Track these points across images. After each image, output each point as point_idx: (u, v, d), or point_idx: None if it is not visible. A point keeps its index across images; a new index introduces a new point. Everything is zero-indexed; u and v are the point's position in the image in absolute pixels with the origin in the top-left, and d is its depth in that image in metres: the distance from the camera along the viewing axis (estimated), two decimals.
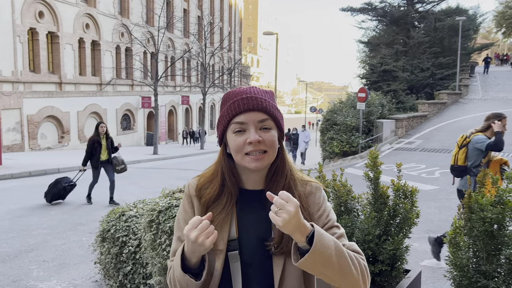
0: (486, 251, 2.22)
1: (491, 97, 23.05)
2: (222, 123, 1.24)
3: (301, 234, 1.05)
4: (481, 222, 2.16)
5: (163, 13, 26.71)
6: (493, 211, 2.15)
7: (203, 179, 1.30)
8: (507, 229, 2.22)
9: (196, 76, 37.81)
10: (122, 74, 28.73)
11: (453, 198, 7.98)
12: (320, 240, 1.04)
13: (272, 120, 1.21)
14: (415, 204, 2.58)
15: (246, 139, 1.17)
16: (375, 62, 23.93)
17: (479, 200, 2.20)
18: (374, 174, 2.51)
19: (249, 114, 1.18)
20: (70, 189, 8.64)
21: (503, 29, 42.29)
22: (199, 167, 15.61)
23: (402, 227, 2.50)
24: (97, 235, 4.11)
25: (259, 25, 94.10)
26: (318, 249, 1.03)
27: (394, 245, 2.38)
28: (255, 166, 1.17)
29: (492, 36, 55.88)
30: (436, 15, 25.93)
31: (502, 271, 2.20)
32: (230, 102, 1.22)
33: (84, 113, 25.18)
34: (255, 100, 1.19)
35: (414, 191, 2.58)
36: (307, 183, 1.29)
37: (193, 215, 1.27)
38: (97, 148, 8.37)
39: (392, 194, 2.60)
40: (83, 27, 24.95)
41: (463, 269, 2.20)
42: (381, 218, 2.50)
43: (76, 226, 6.75)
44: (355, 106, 15.38)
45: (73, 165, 14.49)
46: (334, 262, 1.05)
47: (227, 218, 1.23)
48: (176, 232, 1.30)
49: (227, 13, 48.74)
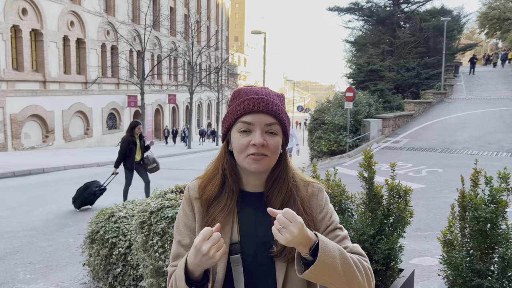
0: (479, 250, 2.24)
1: (475, 96, 23.42)
2: (228, 119, 1.21)
3: (305, 246, 1.04)
4: (475, 221, 2.17)
5: (150, 11, 26.47)
6: (486, 210, 2.16)
7: (204, 179, 1.28)
8: (500, 227, 2.24)
9: (183, 75, 37.61)
10: (107, 73, 28.39)
11: (440, 197, 8.10)
12: (325, 251, 1.03)
13: (279, 125, 1.18)
14: (408, 204, 2.59)
15: (250, 140, 1.14)
16: (362, 61, 24.12)
17: (473, 199, 2.22)
18: (368, 173, 2.51)
19: (257, 115, 1.15)
20: (100, 194, 8.21)
21: (486, 30, 43.04)
22: (187, 166, 15.56)
23: (396, 227, 2.51)
24: (85, 237, 4.04)
25: (246, 24, 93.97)
26: (323, 260, 1.02)
27: (389, 244, 2.39)
28: (254, 168, 1.15)
29: (476, 37, 56.82)
30: (422, 15, 26.23)
31: (496, 270, 2.22)
32: (240, 100, 1.19)
33: (69, 112, 24.81)
34: (265, 102, 1.17)
35: (408, 191, 2.58)
36: (309, 184, 1.27)
37: (193, 219, 1.25)
38: (132, 148, 7.93)
39: (386, 194, 2.60)
40: (68, 24, 24.57)
41: (457, 268, 2.21)
42: (376, 218, 2.50)
43: (62, 227, 6.63)
44: (343, 106, 15.47)
45: (58, 165, 14.28)
46: (340, 271, 1.04)
47: (229, 219, 1.21)
48: (176, 236, 1.27)
49: (214, 12, 48.55)
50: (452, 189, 8.65)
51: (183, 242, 1.24)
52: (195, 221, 1.24)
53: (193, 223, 1.24)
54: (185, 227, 1.25)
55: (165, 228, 2.90)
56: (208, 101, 46.27)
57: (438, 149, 13.69)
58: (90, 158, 17.11)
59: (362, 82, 22.49)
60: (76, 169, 14.55)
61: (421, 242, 5.72)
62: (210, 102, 47.14)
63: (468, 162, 11.35)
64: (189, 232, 1.24)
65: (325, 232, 1.20)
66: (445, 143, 14.28)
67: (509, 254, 2.13)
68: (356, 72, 23.83)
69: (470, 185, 2.40)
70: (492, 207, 2.20)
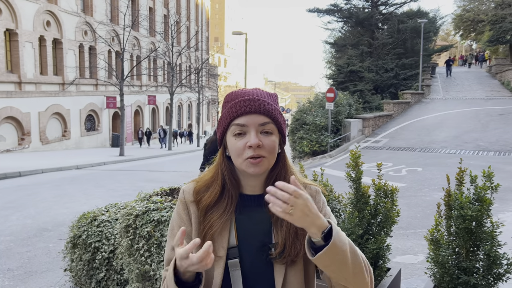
0: (465, 247, 2.27)
1: (451, 97, 23.97)
2: (222, 124, 1.19)
3: (318, 228, 1.02)
4: (462, 219, 2.21)
5: (128, 11, 26.11)
6: (472, 208, 2.20)
7: (201, 182, 1.25)
8: (484, 225, 2.28)
9: (163, 75, 37.24)
10: (85, 74, 27.85)
11: (420, 195, 8.24)
12: (339, 235, 1.02)
13: (274, 124, 1.17)
14: (395, 203, 2.61)
15: (246, 142, 1.13)
16: (341, 62, 24.36)
17: (459, 198, 2.25)
18: (356, 174, 2.52)
19: (250, 116, 1.14)
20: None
21: (461, 32, 44.02)
22: (169, 168, 15.42)
23: (383, 226, 2.53)
24: (67, 241, 3.94)
25: (226, 25, 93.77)
26: (337, 243, 1.00)
27: (377, 244, 2.40)
28: (253, 171, 1.14)
29: (451, 38, 58.15)
30: (399, 17, 26.66)
31: (481, 267, 2.26)
32: (232, 103, 1.17)
33: (46, 113, 24.23)
34: (257, 102, 1.15)
35: (394, 190, 2.61)
36: (306, 186, 1.26)
37: (189, 223, 1.22)
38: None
39: (373, 194, 2.62)
40: (44, 24, 24.01)
41: (444, 266, 2.24)
42: (363, 217, 2.52)
43: (41, 232, 6.46)
44: (324, 106, 15.59)
45: (35, 168, 13.94)
46: (349, 259, 1.03)
47: (226, 223, 1.19)
48: (170, 241, 1.24)
49: (194, 12, 48.26)
50: (432, 188, 8.82)
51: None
52: (191, 225, 1.22)
53: (189, 227, 1.22)
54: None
55: (151, 232, 2.85)
56: (188, 102, 45.94)
57: (417, 148, 13.95)
58: (69, 161, 16.76)
59: (342, 83, 22.72)
60: (54, 172, 14.22)
61: (403, 241, 5.81)
62: (191, 103, 46.83)
63: (446, 161, 11.60)
64: (184, 236, 1.22)
65: None
66: (424, 143, 14.56)
67: (494, 251, 2.17)
68: (336, 73, 24.06)
69: (456, 184, 2.44)
70: (477, 205, 2.24)
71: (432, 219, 6.96)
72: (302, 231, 1.17)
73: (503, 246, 2.21)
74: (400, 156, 12.92)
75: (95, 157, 19.35)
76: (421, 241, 5.82)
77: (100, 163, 16.85)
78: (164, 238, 2.79)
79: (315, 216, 1.01)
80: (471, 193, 2.32)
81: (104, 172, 14.40)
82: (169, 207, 2.96)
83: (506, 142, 13.67)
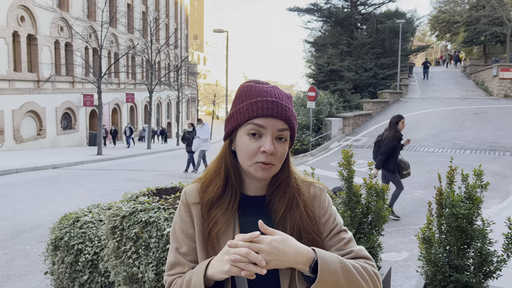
0: (456, 245, 2.29)
1: (428, 96, 24.46)
2: (237, 118, 1.13)
3: (304, 265, 1.01)
4: (454, 217, 2.22)
5: (106, 7, 25.62)
6: (464, 207, 2.22)
7: (205, 179, 1.21)
8: (474, 223, 2.30)
9: (141, 73, 36.68)
10: (62, 71, 27.17)
11: (402, 193, 8.35)
12: (325, 268, 1.00)
13: (289, 131, 1.14)
14: (386, 202, 2.62)
15: (260, 146, 1.09)
16: (322, 62, 24.54)
17: (451, 196, 2.27)
18: (348, 173, 2.51)
19: (270, 120, 1.10)
20: None
21: (437, 32, 45.04)
22: (148, 167, 15.21)
23: (375, 225, 2.53)
24: (48, 243, 3.80)
25: (205, 23, 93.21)
26: (324, 277, 0.99)
27: (369, 243, 2.40)
28: (261, 175, 1.11)
29: (427, 39, 59.39)
30: (378, 17, 27.06)
31: (472, 264, 2.28)
32: (253, 100, 1.12)
33: (20, 111, 23.54)
34: (280, 106, 1.11)
35: (385, 189, 2.61)
36: (310, 185, 1.23)
37: (191, 225, 1.18)
38: (396, 147, 6.85)
39: (365, 193, 2.62)
40: (18, 19, 23.30)
41: (437, 264, 2.25)
42: (355, 216, 2.51)
43: (18, 233, 6.25)
44: (305, 105, 15.66)
45: (10, 168, 13.52)
46: (343, 284, 1.01)
47: (230, 222, 1.16)
48: (173, 243, 1.19)
49: (173, 9, 47.75)
50: (413, 186, 8.97)
51: (181, 250, 1.17)
52: (193, 228, 1.18)
53: (191, 229, 1.18)
54: (182, 234, 1.18)
55: (139, 233, 2.78)
56: (168, 100, 45.45)
57: None
58: (45, 160, 16.32)
59: (322, 82, 22.89)
60: (29, 171, 13.82)
61: (386, 238, 5.85)
62: (170, 101, 46.35)
63: (425, 159, 11.81)
64: (186, 239, 1.18)
65: (330, 235, 1.17)
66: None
67: (486, 249, 2.19)
68: (317, 72, 24.23)
69: (446, 183, 2.45)
70: (468, 204, 2.26)
71: (414, 216, 7.09)
72: (306, 234, 1.15)
73: (494, 243, 2.24)
74: None
75: (72, 156, 18.91)
76: (404, 238, 5.90)
77: (78, 162, 16.47)
78: (153, 240, 2.72)
79: (293, 253, 1.00)
80: (462, 192, 2.34)
81: (82, 171, 14.09)
82: (156, 208, 2.89)
83: (481, 141, 14.03)
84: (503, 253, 2.24)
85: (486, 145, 13.44)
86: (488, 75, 25.05)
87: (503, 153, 12.43)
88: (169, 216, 2.82)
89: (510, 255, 2.22)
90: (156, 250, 2.76)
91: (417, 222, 6.50)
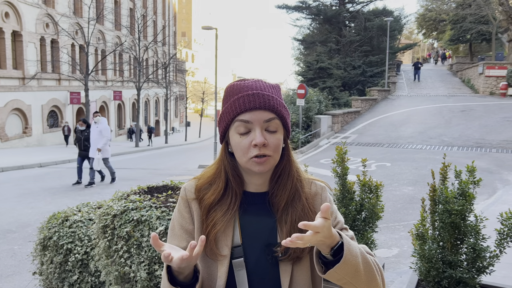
0: (450, 241, 2.30)
1: (416, 93, 24.70)
2: (224, 120, 1.14)
3: (328, 246, 0.99)
4: (447, 214, 2.23)
5: (93, 3, 25.29)
6: (458, 203, 2.23)
7: (203, 180, 1.20)
8: (467, 219, 2.31)
9: (129, 70, 36.32)
10: (47, 68, 26.75)
11: (390, 190, 8.42)
12: (350, 250, 0.98)
13: (279, 119, 1.12)
14: (379, 199, 2.62)
15: (251, 141, 1.08)
16: (311, 59, 24.60)
17: (445, 192, 2.28)
18: (341, 170, 2.51)
19: (254, 112, 1.09)
20: None
21: (424, 30, 45.47)
22: (136, 165, 15.07)
23: (369, 222, 2.53)
24: (36, 243, 3.73)
25: (193, 20, 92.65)
26: (348, 259, 0.97)
27: (364, 240, 2.40)
28: (258, 169, 1.10)
29: (414, 37, 59.93)
30: (366, 15, 27.21)
31: (465, 260, 2.29)
32: (235, 97, 1.11)
33: (5, 109, 23.13)
34: (261, 97, 1.10)
35: (379, 186, 2.61)
36: (311, 182, 1.22)
37: (190, 221, 1.17)
38: None
39: (358, 190, 2.62)
40: (2, 16, 22.87)
41: (430, 261, 2.26)
42: (349, 213, 2.51)
43: (4, 233, 6.14)
44: (295, 103, 15.68)
45: None
46: (361, 271, 1.00)
47: (230, 221, 1.15)
48: (171, 240, 1.19)
49: (160, 6, 47.36)
50: (401, 182, 9.04)
51: (180, 246, 1.15)
52: (192, 223, 1.17)
53: (191, 225, 1.17)
54: (181, 230, 1.17)
55: (130, 232, 2.74)
56: (156, 98, 45.12)
57: (385, 144, 14.28)
58: (31, 159, 16.07)
59: (311, 80, 22.95)
60: (15, 170, 13.60)
61: (376, 235, 5.91)
62: (158, 98, 46.02)
63: (413, 156, 11.93)
64: (186, 235, 1.17)
65: None
66: (391, 138, 14.92)
67: (479, 245, 2.21)
68: (306, 70, 24.28)
69: (439, 179, 2.46)
70: (461, 200, 2.27)
71: (404, 213, 7.13)
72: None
73: (487, 239, 2.25)
74: (369, 151, 13.18)
75: (59, 154, 18.64)
76: (394, 234, 5.94)
77: (65, 161, 16.24)
78: (145, 239, 2.68)
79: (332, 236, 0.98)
80: (456, 188, 2.35)
81: (69, 170, 13.89)
82: (148, 206, 2.85)
83: (468, 138, 14.21)
84: (496, 248, 2.26)
85: (473, 142, 13.62)
86: (474, 73, 25.38)
87: (489, 149, 12.61)
88: (161, 215, 2.79)
89: (502, 250, 2.24)
90: (148, 249, 2.72)
91: (406, 219, 6.55)
